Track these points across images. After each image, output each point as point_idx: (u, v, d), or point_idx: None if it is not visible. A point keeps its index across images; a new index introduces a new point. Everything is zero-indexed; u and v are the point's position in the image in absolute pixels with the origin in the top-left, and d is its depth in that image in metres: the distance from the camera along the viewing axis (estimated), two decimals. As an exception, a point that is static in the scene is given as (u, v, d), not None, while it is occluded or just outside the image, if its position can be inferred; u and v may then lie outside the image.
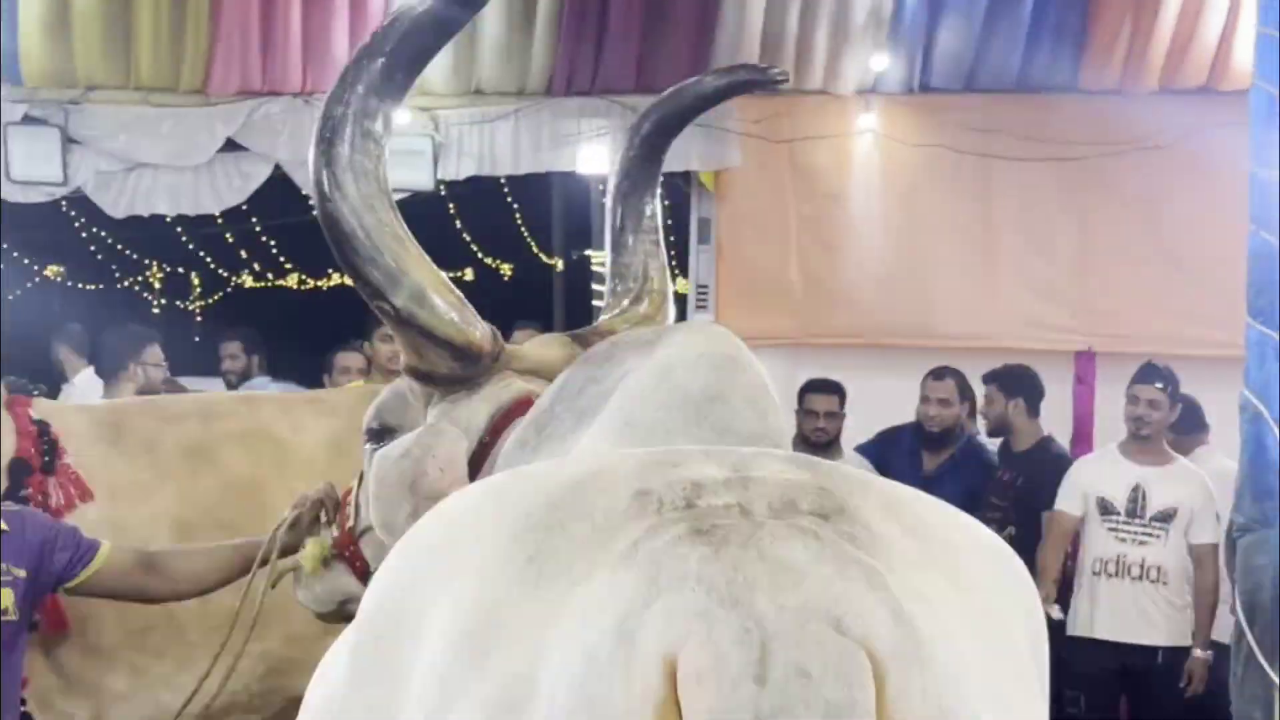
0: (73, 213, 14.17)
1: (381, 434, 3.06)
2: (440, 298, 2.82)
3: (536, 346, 3.09)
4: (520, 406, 2.83)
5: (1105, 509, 7.37)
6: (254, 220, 17.68)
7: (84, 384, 8.87)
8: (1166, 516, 7.28)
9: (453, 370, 2.90)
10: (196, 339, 20.58)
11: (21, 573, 3.70)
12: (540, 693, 1.64)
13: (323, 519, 3.60)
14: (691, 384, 2.28)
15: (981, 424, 8.38)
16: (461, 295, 2.88)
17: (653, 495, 1.76)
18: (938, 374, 8.17)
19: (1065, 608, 7.50)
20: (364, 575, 3.28)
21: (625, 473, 1.82)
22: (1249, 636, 4.53)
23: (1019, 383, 8.14)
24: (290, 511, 3.70)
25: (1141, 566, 7.30)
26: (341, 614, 3.41)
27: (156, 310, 22.73)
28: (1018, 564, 2.05)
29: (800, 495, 1.76)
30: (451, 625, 1.78)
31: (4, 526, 3.72)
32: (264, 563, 3.68)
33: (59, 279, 21.08)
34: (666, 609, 1.61)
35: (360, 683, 1.98)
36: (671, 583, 1.63)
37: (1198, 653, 7.08)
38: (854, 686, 1.57)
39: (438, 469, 2.81)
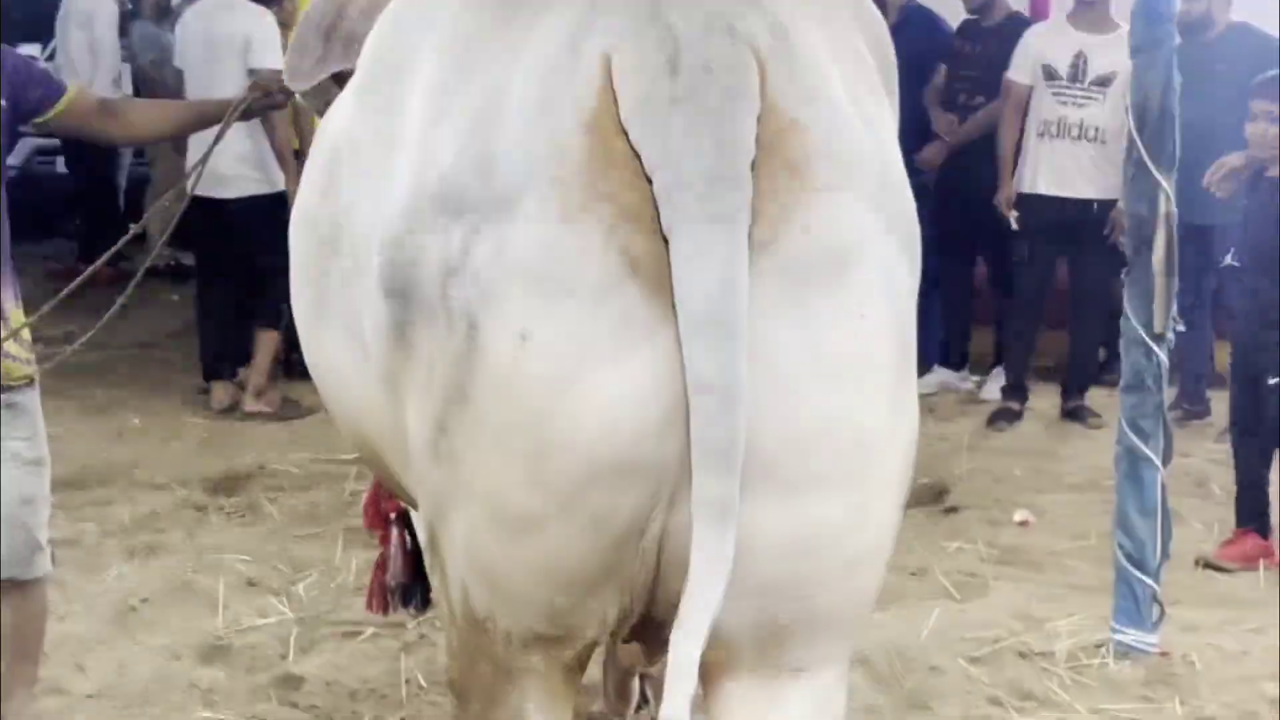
0: None
1: None
2: None
3: None
4: None
5: (1050, 75, 8.05)
6: None
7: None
8: (1105, 81, 7.93)
9: None
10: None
11: (3, 103, 3.97)
12: (513, 94, 2.28)
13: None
14: None
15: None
16: None
17: None
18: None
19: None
20: None
21: None
22: (1138, 142, 5.13)
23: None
24: (249, 91, 4.27)
25: (1080, 127, 7.99)
26: None
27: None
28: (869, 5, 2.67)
29: None
30: (439, 57, 2.42)
31: None
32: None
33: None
34: (605, 25, 2.25)
35: (365, 114, 2.63)
36: (609, 7, 2.26)
37: (1122, 204, 7.73)
38: (743, 75, 2.21)
39: None
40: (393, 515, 3.81)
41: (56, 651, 4.76)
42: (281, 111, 6.36)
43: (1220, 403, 8.25)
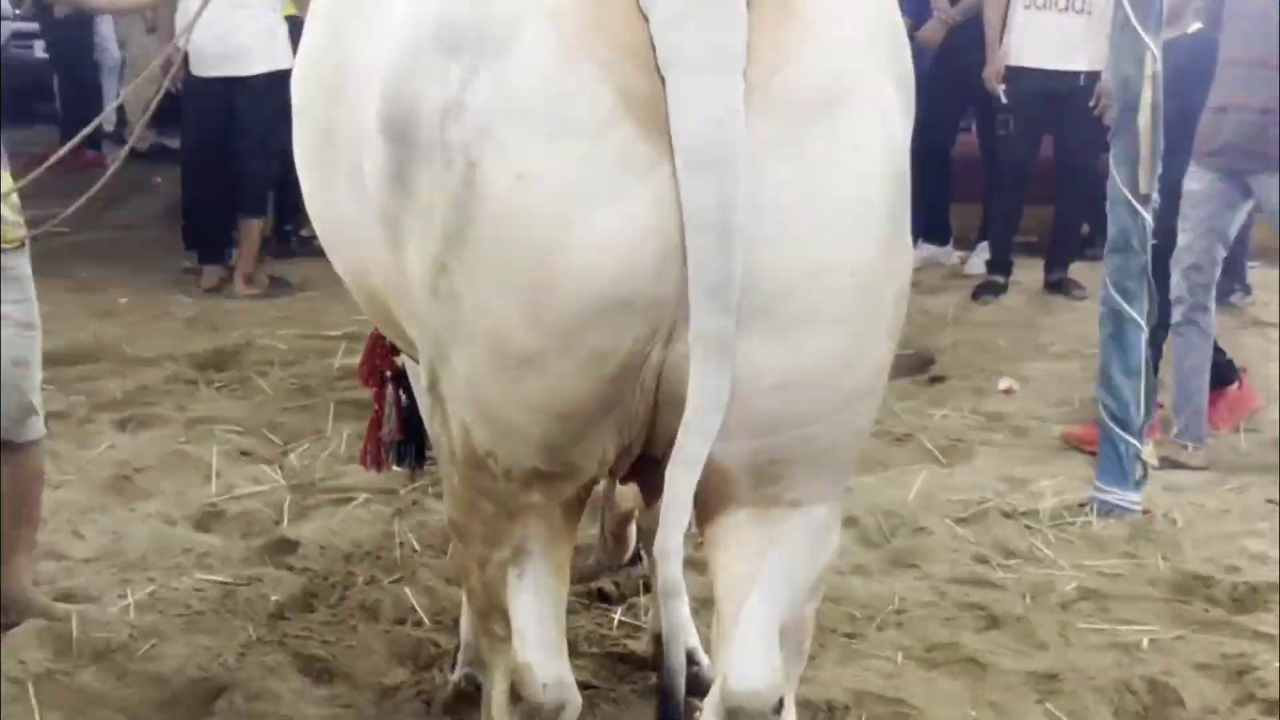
0: None
1: None
2: None
3: None
4: None
5: (1039, -52, 8.00)
6: None
7: None
8: (1092, -50, 7.89)
9: None
10: None
11: None
12: None
13: None
14: None
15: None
16: None
17: None
18: None
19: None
20: None
21: None
22: (1125, 4, 5.12)
23: None
24: None
25: (1068, -1, 7.98)
26: None
27: None
28: None
29: None
30: None
31: None
32: None
33: None
34: None
35: None
36: None
37: (1107, 74, 7.72)
38: None
39: None
40: (388, 373, 3.84)
41: (53, 518, 4.81)
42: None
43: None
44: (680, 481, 2.25)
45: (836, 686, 3.92)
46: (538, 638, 2.53)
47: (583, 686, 3.28)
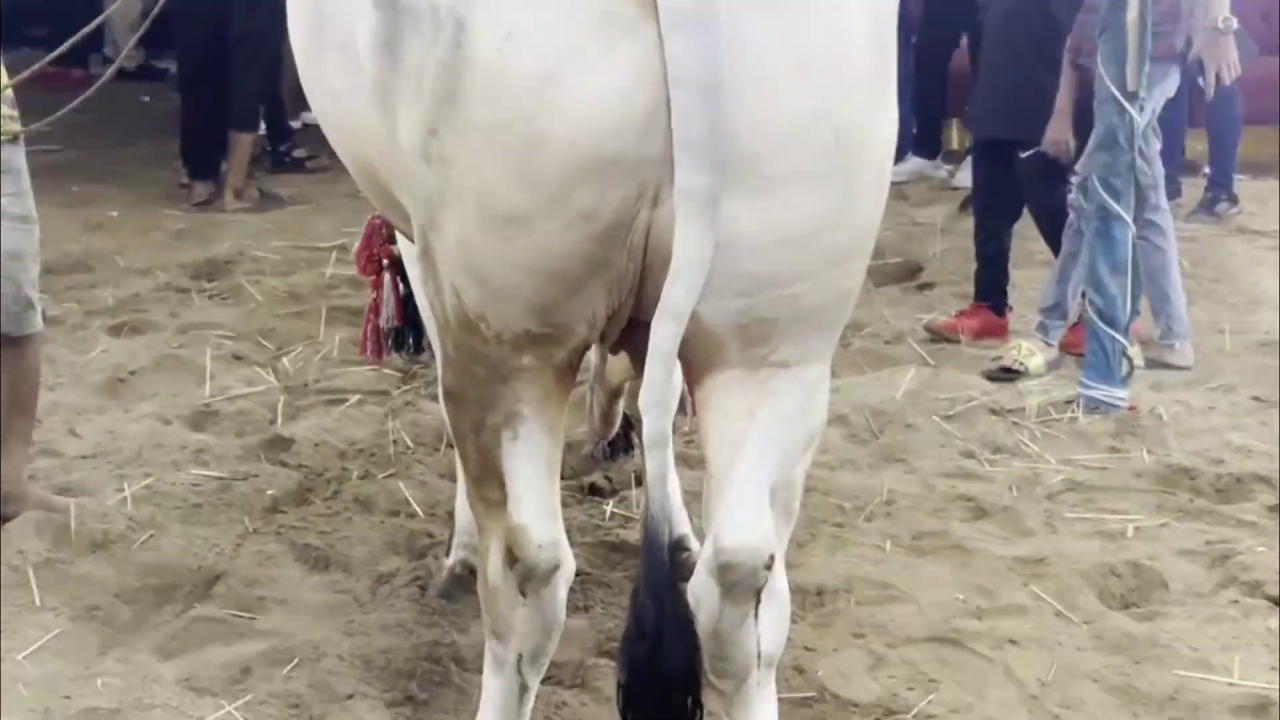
0: None
1: None
2: None
3: None
4: None
5: None
6: None
7: None
8: None
9: None
10: None
11: None
12: None
13: None
14: None
15: None
16: None
17: None
18: None
19: None
20: None
21: None
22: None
23: None
24: None
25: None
26: None
27: None
28: None
29: None
30: None
31: None
32: None
33: None
34: None
35: None
36: None
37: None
38: None
39: None
40: (385, 260, 3.87)
41: (48, 418, 4.85)
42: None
43: (1193, 189, 8.38)
44: (665, 332, 2.30)
45: (826, 572, 3.98)
46: (532, 500, 2.58)
47: (576, 574, 3.35)
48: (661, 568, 2.34)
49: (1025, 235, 6.58)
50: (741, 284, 2.35)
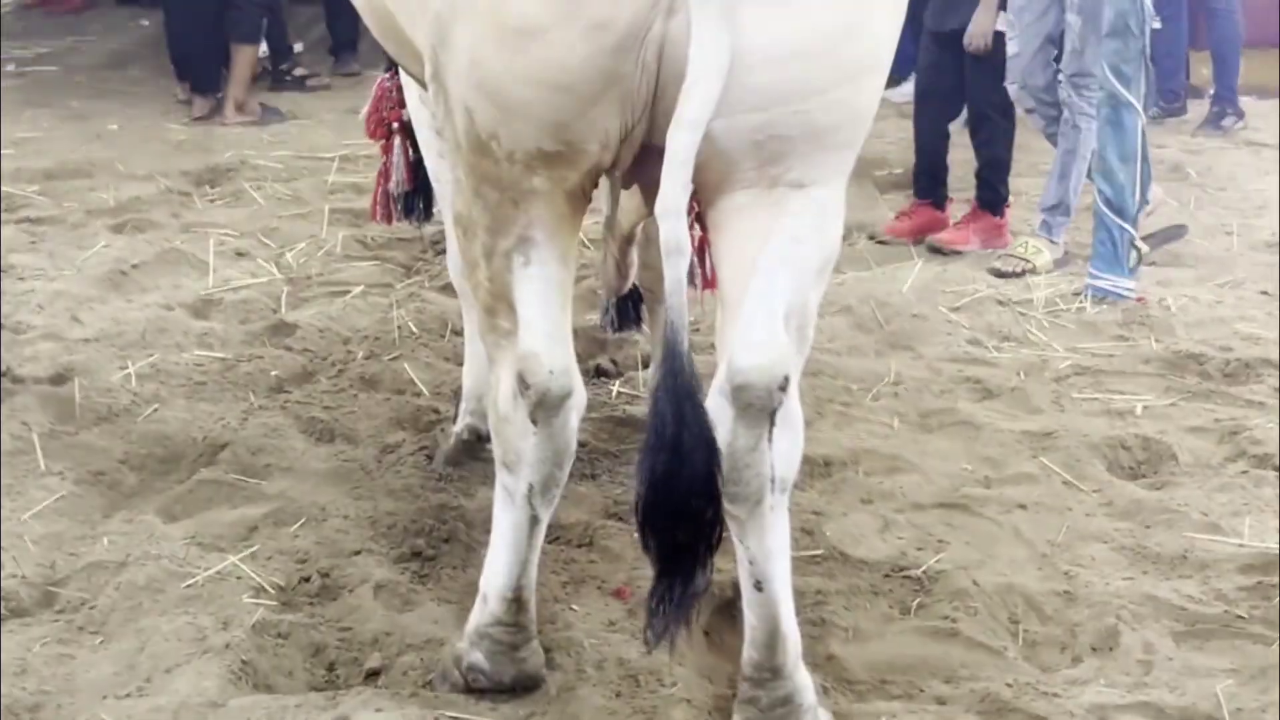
0: None
1: None
2: None
3: None
4: None
5: None
6: None
7: None
8: None
9: None
10: None
11: None
12: None
13: None
14: None
15: None
16: None
17: None
18: None
19: None
20: None
21: None
22: None
23: None
24: None
25: None
26: None
27: None
28: None
29: None
30: None
31: None
32: None
33: None
34: None
35: None
36: None
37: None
38: None
39: None
40: (395, 125, 3.84)
41: (50, 306, 4.83)
42: None
43: (1199, 108, 8.33)
44: (681, 140, 2.27)
45: (833, 445, 3.97)
46: (544, 326, 2.56)
47: (582, 445, 3.34)
48: (681, 374, 2.31)
49: (1030, 148, 6.55)
50: (755, 98, 2.32)
